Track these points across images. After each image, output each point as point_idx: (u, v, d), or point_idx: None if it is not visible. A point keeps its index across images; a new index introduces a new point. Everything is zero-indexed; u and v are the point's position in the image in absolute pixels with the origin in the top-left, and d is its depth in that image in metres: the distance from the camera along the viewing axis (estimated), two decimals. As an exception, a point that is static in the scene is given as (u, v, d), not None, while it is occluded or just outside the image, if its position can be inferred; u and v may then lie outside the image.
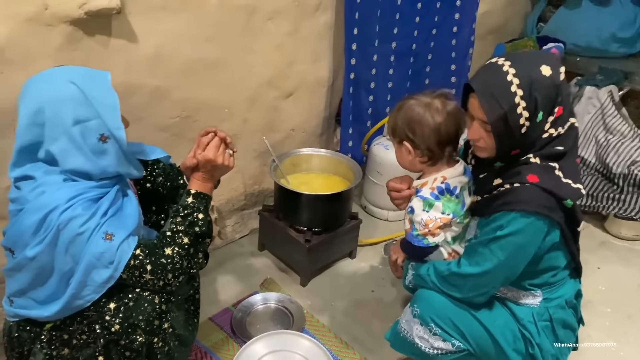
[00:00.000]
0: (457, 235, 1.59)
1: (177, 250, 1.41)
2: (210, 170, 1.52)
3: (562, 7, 3.41)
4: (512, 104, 1.34)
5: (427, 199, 1.53)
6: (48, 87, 1.33)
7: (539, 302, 1.55)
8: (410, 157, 1.56)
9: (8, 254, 1.40)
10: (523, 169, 1.42)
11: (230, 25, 2.07)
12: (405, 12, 2.61)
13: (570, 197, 1.39)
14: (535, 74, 1.35)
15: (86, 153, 1.33)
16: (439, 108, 1.49)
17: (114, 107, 1.33)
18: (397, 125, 1.55)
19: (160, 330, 1.43)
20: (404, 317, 1.59)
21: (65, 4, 1.59)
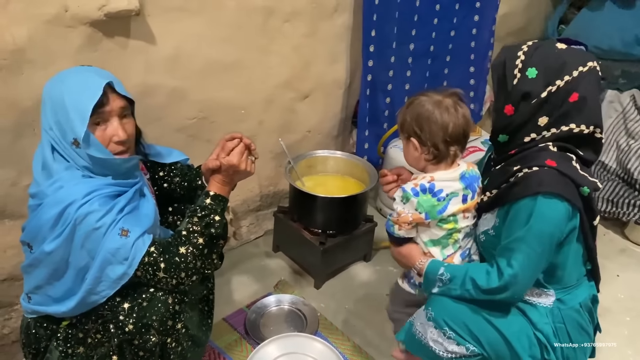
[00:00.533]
0: (438, 240, 1.58)
1: (192, 250, 1.41)
2: (232, 174, 1.53)
3: (585, 9, 3.35)
4: (514, 55, 1.46)
5: (407, 192, 1.54)
6: (48, 84, 1.38)
7: (552, 303, 1.52)
8: (416, 154, 1.56)
9: (26, 250, 1.42)
10: (541, 154, 1.44)
11: (248, 27, 2.08)
12: (424, 14, 2.58)
13: (587, 185, 1.40)
14: (547, 43, 1.47)
15: (69, 152, 1.35)
16: (449, 106, 1.50)
17: (81, 114, 1.30)
18: (405, 121, 1.55)
19: (174, 331, 1.43)
20: (418, 319, 1.57)
21: (85, 5, 1.61)
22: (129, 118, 1.44)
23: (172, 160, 1.72)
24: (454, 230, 1.58)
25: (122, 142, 1.39)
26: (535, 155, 1.45)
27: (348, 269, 2.38)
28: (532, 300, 1.53)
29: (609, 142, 2.85)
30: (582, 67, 1.44)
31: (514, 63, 1.46)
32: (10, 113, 1.63)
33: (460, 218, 1.58)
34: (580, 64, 1.44)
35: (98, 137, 1.35)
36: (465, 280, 1.47)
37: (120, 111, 1.39)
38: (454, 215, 1.56)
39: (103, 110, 1.34)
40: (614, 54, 3.22)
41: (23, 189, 1.73)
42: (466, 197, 1.56)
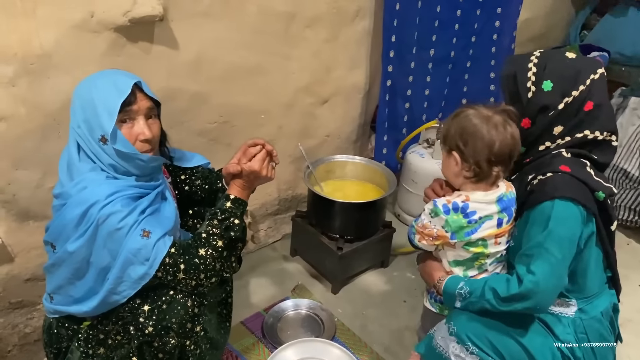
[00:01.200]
0: (462, 262, 1.55)
1: (211, 252, 1.43)
2: (253, 180, 1.55)
3: (608, 15, 3.32)
4: (524, 67, 1.47)
5: (437, 208, 1.49)
6: (79, 84, 1.41)
7: (574, 313, 1.50)
8: (456, 169, 1.50)
9: (49, 250, 1.44)
10: (554, 161, 1.44)
11: (269, 32, 2.09)
12: (445, 20, 2.58)
13: (603, 190, 1.40)
14: (557, 54, 1.47)
15: (95, 150, 1.37)
16: (497, 124, 1.42)
17: (110, 111, 1.34)
18: (449, 133, 1.49)
19: (193, 333, 1.45)
20: (439, 332, 1.55)
21: (110, 11, 1.64)
22: (155, 119, 1.46)
23: (194, 164, 1.74)
24: (482, 255, 1.53)
25: (148, 141, 1.41)
26: (549, 162, 1.45)
27: (365, 274, 2.37)
28: (554, 310, 1.51)
29: (632, 150, 2.80)
30: (594, 75, 1.45)
31: (526, 76, 1.46)
32: (36, 116, 1.66)
33: (491, 244, 1.52)
34: (592, 72, 1.44)
35: (125, 134, 1.37)
36: (485, 290, 1.44)
37: (147, 111, 1.41)
38: (484, 240, 1.51)
39: (130, 109, 1.37)
40: (637, 61, 3.19)
41: (47, 190, 1.76)
42: (501, 221, 1.51)
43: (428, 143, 2.63)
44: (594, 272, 1.50)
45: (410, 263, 2.45)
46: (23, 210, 1.78)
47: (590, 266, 1.48)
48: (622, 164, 2.79)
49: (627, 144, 2.81)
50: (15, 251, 1.82)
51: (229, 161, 1.59)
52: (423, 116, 2.77)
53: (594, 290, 1.52)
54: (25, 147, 1.68)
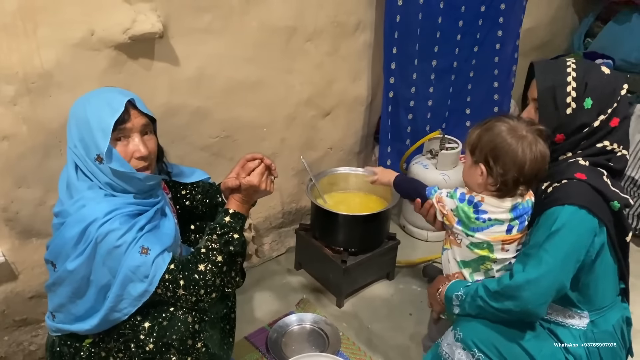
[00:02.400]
0: (468, 262, 1.56)
1: (210, 268, 1.42)
2: (252, 194, 1.55)
3: (611, 22, 3.30)
4: (563, 81, 1.43)
5: (455, 193, 1.54)
6: (74, 104, 1.42)
7: (586, 325, 1.49)
8: (479, 180, 1.49)
9: (50, 268, 1.45)
10: (571, 168, 1.43)
11: (271, 47, 2.10)
12: (446, 30, 2.58)
13: (618, 200, 1.38)
14: (594, 68, 1.46)
15: (91, 169, 1.38)
16: (531, 144, 1.41)
17: (104, 130, 1.34)
18: (479, 145, 1.47)
19: (194, 350, 1.44)
20: (445, 339, 1.54)
21: (110, 29, 1.65)
22: (151, 135, 1.47)
23: (194, 179, 1.74)
24: (487, 259, 1.53)
25: (144, 158, 1.41)
26: (564, 169, 1.45)
27: (371, 287, 2.36)
28: (565, 322, 1.50)
29: (639, 158, 2.78)
30: (622, 91, 1.46)
31: (566, 90, 1.43)
32: (38, 134, 1.67)
33: (498, 249, 1.51)
34: (621, 88, 1.46)
35: (120, 152, 1.37)
36: (478, 287, 1.46)
37: (142, 128, 1.42)
38: (490, 244, 1.51)
39: (124, 127, 1.38)
40: (642, 67, 3.16)
41: (50, 208, 1.76)
42: (511, 228, 1.50)
43: (432, 154, 2.61)
44: (607, 283, 1.48)
45: (415, 275, 2.43)
46: (26, 228, 1.78)
47: (603, 277, 1.46)
48: (630, 172, 2.76)
49: (635, 152, 2.79)
50: (19, 269, 1.83)
51: (227, 175, 1.59)
52: (427, 127, 2.76)
53: (607, 302, 1.50)
54: (28, 165, 1.70)
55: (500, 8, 2.72)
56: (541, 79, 1.47)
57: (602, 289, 1.48)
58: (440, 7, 2.48)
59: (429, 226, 2.01)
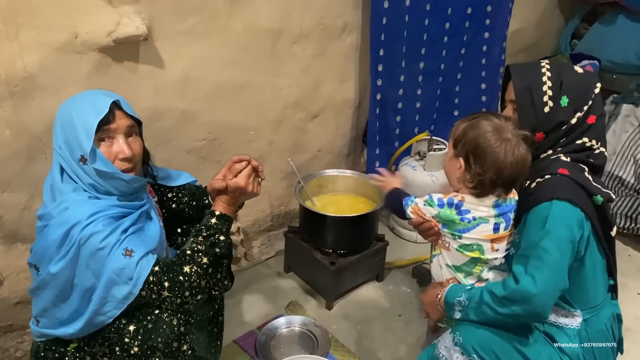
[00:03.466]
0: (459, 267, 1.55)
1: (196, 269, 1.41)
2: (238, 195, 1.55)
3: (597, 24, 3.33)
4: (539, 80, 1.47)
5: (432, 200, 1.54)
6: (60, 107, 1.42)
7: (579, 324, 1.49)
8: (458, 174, 1.50)
9: (34, 272, 1.44)
10: (554, 164, 1.46)
11: (257, 49, 2.10)
12: (433, 33, 2.59)
13: (601, 195, 1.41)
14: (567, 67, 1.51)
15: (75, 170, 1.38)
16: (514, 148, 1.41)
17: (87, 130, 1.34)
18: (462, 140, 1.48)
19: (179, 353, 1.43)
20: (443, 342, 1.53)
21: (94, 32, 1.65)
22: (136, 137, 1.46)
23: (180, 182, 1.74)
24: (479, 261, 1.53)
25: (128, 159, 1.40)
26: (547, 165, 1.47)
27: (360, 289, 2.35)
28: (560, 322, 1.50)
29: (626, 157, 2.79)
30: (596, 90, 1.50)
31: (542, 90, 1.48)
32: (22, 138, 1.66)
33: (488, 249, 1.51)
34: (595, 87, 1.50)
35: (104, 152, 1.37)
36: (483, 293, 1.43)
37: (127, 129, 1.41)
38: (479, 245, 1.51)
39: (109, 127, 1.37)
40: (628, 68, 3.19)
41: (35, 212, 1.74)
42: (498, 227, 1.50)
43: (420, 155, 2.62)
44: (597, 279, 1.49)
45: (405, 276, 2.43)
46: (11, 232, 1.77)
47: (592, 273, 1.47)
48: (617, 171, 2.78)
49: (622, 151, 2.81)
50: (4, 274, 1.82)
51: (214, 177, 1.59)
52: (415, 129, 2.77)
53: (599, 300, 1.51)
54: (12, 170, 1.69)
55: (487, 10, 2.74)
56: (517, 80, 1.50)
57: (593, 285, 1.48)
58: (427, 9, 2.49)
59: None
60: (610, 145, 2.82)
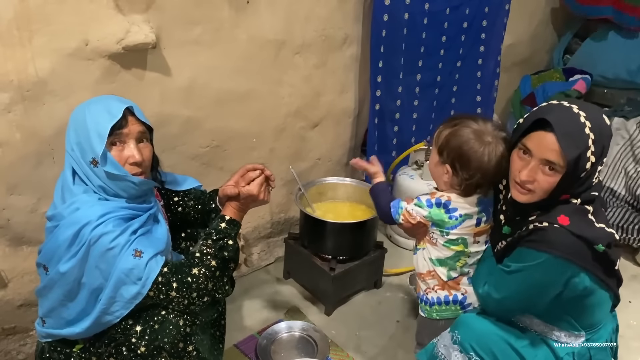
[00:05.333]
0: (445, 260, 1.62)
1: (204, 272, 1.45)
2: (249, 202, 1.59)
3: (589, 39, 3.42)
4: (586, 146, 1.33)
5: (421, 202, 1.60)
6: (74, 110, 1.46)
7: (581, 342, 1.51)
8: (445, 179, 1.58)
9: (42, 272, 1.46)
10: (557, 209, 1.40)
11: (260, 59, 2.15)
12: (430, 45, 2.65)
13: (602, 242, 1.36)
14: (602, 120, 1.38)
15: (86, 172, 1.41)
16: (496, 150, 1.49)
17: (100, 134, 1.38)
18: (447, 148, 1.55)
19: (185, 353, 1.45)
20: (442, 341, 1.57)
21: (104, 39, 1.69)
22: (147, 143, 1.50)
23: (186, 187, 1.77)
24: (463, 254, 1.61)
25: (138, 164, 1.44)
26: (551, 210, 1.41)
27: (359, 295, 2.38)
28: (562, 341, 1.51)
29: (617, 170, 2.86)
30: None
31: (587, 157, 1.34)
32: (32, 142, 1.69)
33: (470, 242, 1.60)
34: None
35: (114, 156, 1.40)
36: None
37: (138, 135, 1.45)
38: (464, 238, 1.58)
39: (121, 132, 1.41)
40: (619, 83, 3.28)
41: (41, 215, 1.78)
42: (480, 221, 1.60)
43: (417, 165, 2.67)
44: (604, 310, 1.52)
45: (402, 283, 2.46)
46: (17, 235, 1.79)
47: (599, 306, 1.50)
48: (608, 182, 2.85)
49: (613, 164, 2.87)
50: (9, 277, 1.83)
51: (224, 183, 1.63)
52: (412, 139, 2.82)
53: (602, 322, 1.54)
54: (20, 173, 1.71)
55: (482, 25, 2.81)
56: (566, 147, 1.32)
57: (599, 313, 1.51)
58: (425, 22, 2.55)
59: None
60: (602, 157, 2.89)
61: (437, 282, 1.65)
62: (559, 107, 1.39)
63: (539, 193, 1.40)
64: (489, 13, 2.80)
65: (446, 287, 1.64)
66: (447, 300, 1.65)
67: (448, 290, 1.65)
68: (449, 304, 1.66)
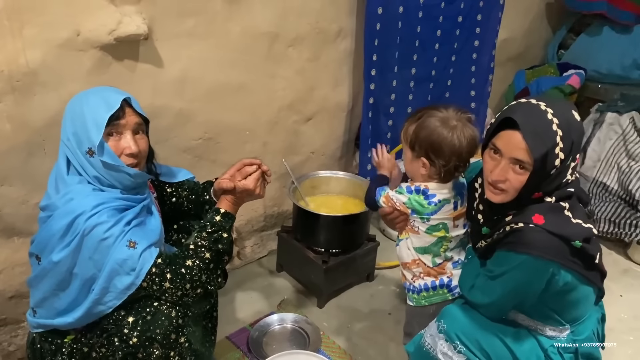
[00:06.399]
0: (428, 248, 1.65)
1: (198, 264, 1.45)
2: (244, 196, 1.60)
3: (583, 34, 3.43)
4: (554, 143, 1.33)
5: (401, 189, 1.64)
6: (71, 101, 1.45)
7: (566, 335, 1.53)
8: (423, 172, 1.60)
9: (34, 262, 1.46)
10: (531, 208, 1.40)
11: (254, 52, 2.14)
12: (425, 39, 2.65)
13: (580, 238, 1.36)
14: (571, 116, 1.37)
15: (82, 162, 1.41)
16: (463, 132, 1.54)
17: (98, 124, 1.38)
18: (417, 141, 1.57)
19: (177, 344, 1.45)
20: (428, 330, 1.58)
21: (96, 30, 1.68)
22: (143, 135, 1.50)
23: (180, 179, 1.78)
24: (445, 239, 1.64)
25: (134, 155, 1.44)
26: (526, 208, 1.42)
27: (351, 288, 2.39)
28: (547, 334, 1.53)
29: (610, 164, 2.87)
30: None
31: (555, 153, 1.34)
32: (22, 133, 1.68)
33: (451, 226, 1.64)
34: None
35: (111, 147, 1.41)
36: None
37: (135, 126, 1.45)
38: (444, 223, 1.62)
39: (118, 123, 1.41)
40: (613, 78, 3.29)
41: (32, 207, 1.78)
42: (457, 204, 1.64)
43: (411, 159, 2.67)
44: (585, 303, 1.52)
45: (394, 276, 2.47)
46: (8, 226, 1.79)
47: (584, 300, 1.51)
48: (601, 177, 2.86)
49: (606, 158, 2.88)
50: (0, 268, 1.82)
51: (220, 176, 1.62)
52: (406, 133, 2.82)
53: (586, 314, 1.55)
54: (11, 164, 1.71)
55: (477, 19, 2.81)
56: (534, 144, 1.33)
57: (583, 306, 1.52)
58: (419, 16, 2.55)
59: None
60: (594, 152, 2.90)
61: (422, 269, 1.68)
62: (527, 105, 1.39)
63: (512, 192, 1.40)
64: (484, 7, 2.80)
65: (432, 273, 1.68)
66: (434, 285, 1.68)
67: (434, 276, 1.68)
68: (436, 289, 1.68)
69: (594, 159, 2.90)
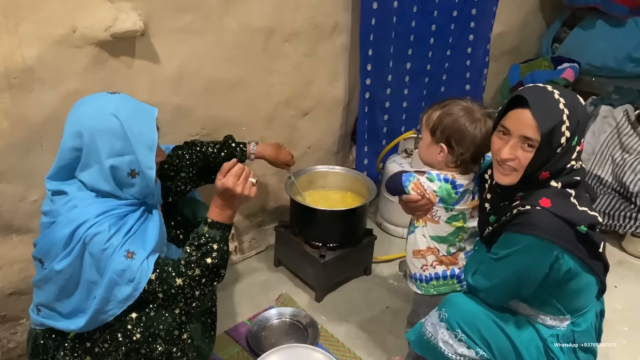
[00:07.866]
0: (445, 237, 1.67)
1: (188, 282, 1.42)
2: (229, 198, 1.47)
3: (577, 28, 3.44)
4: (560, 120, 1.37)
5: (432, 176, 1.64)
6: (92, 115, 1.39)
7: (566, 325, 1.54)
8: (440, 158, 1.63)
9: (38, 265, 1.46)
10: (538, 192, 1.43)
11: (250, 47, 2.14)
12: (420, 34, 2.66)
13: (585, 223, 1.38)
14: (577, 99, 1.43)
15: (112, 183, 1.41)
16: (485, 125, 1.59)
17: (150, 146, 1.39)
18: (440, 126, 1.60)
19: (180, 341, 1.47)
20: (429, 319, 1.60)
21: (92, 27, 1.68)
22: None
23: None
24: (462, 230, 1.67)
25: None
26: (534, 192, 1.44)
27: (349, 282, 2.41)
28: (547, 324, 1.55)
29: (604, 157, 2.90)
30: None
31: (561, 131, 1.37)
32: (20, 130, 1.68)
33: (468, 217, 1.67)
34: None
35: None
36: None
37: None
38: (464, 214, 1.65)
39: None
40: (606, 71, 3.31)
41: (30, 204, 1.78)
42: (474, 195, 1.67)
43: (407, 153, 2.69)
44: (587, 293, 1.54)
45: (392, 270, 2.49)
46: (6, 224, 1.79)
47: (586, 289, 1.52)
48: (595, 170, 2.88)
49: (600, 151, 2.91)
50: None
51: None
52: (402, 127, 2.83)
53: (587, 306, 1.57)
54: (8, 161, 1.70)
55: (472, 13, 2.82)
56: (542, 118, 1.36)
57: (585, 297, 1.54)
58: (414, 11, 2.56)
59: (405, 223, 2.08)
60: (589, 145, 2.92)
61: (435, 258, 1.70)
62: (535, 87, 1.45)
63: (521, 171, 1.43)
64: (479, 1, 2.80)
65: (445, 261, 1.70)
66: (445, 275, 1.70)
67: (446, 265, 1.70)
68: (446, 279, 1.70)
69: (588, 151, 2.92)
